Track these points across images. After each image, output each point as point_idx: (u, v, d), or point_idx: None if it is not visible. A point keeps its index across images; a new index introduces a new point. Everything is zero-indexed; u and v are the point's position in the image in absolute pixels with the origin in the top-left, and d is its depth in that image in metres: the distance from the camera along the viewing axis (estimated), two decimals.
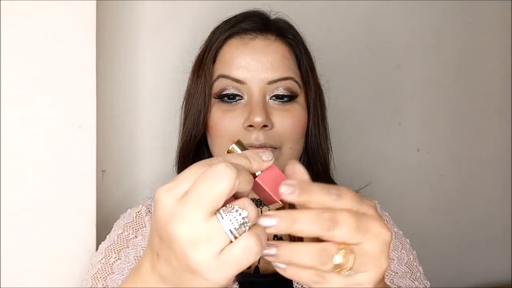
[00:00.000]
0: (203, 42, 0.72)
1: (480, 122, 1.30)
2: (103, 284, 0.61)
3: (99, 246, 0.69)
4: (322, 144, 0.70)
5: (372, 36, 1.14)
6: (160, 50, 0.93)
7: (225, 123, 0.63)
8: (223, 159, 0.35)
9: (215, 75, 0.65)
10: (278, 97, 0.63)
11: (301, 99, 0.66)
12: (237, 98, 0.64)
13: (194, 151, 0.70)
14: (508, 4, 1.31)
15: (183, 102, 0.74)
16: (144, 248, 0.66)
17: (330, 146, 0.74)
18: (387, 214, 0.78)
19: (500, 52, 1.31)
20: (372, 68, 1.15)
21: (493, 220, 1.34)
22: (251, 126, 0.61)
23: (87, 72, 0.75)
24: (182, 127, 0.72)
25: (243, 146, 0.41)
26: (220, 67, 0.65)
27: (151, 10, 0.92)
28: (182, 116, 0.73)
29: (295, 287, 0.61)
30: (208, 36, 0.71)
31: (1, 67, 0.70)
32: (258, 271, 0.64)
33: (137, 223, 0.69)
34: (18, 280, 0.73)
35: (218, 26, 0.70)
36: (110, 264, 0.64)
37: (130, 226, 0.69)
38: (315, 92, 0.69)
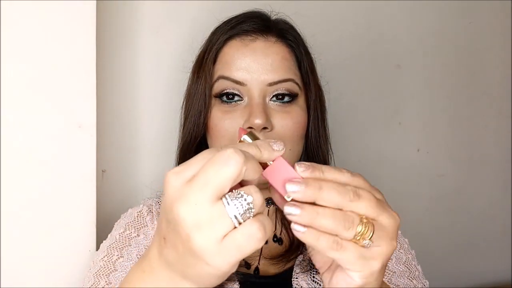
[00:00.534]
0: (203, 43, 0.72)
1: (480, 122, 1.30)
2: (106, 281, 0.61)
3: (101, 244, 0.69)
4: (322, 146, 0.70)
5: (372, 36, 1.14)
6: (160, 50, 0.93)
7: (225, 124, 0.63)
8: (232, 146, 0.36)
9: (215, 76, 0.65)
10: (278, 98, 0.63)
11: (301, 100, 0.66)
12: (236, 98, 0.64)
13: (194, 152, 0.70)
14: (508, 4, 1.31)
15: (183, 102, 0.74)
16: (146, 247, 0.66)
17: (330, 147, 0.74)
18: None
19: (500, 52, 1.31)
20: (372, 68, 1.15)
21: (493, 220, 1.34)
22: (251, 128, 0.61)
23: (87, 72, 0.75)
24: (182, 128, 0.72)
25: (255, 137, 0.41)
26: (220, 68, 0.65)
27: (151, 10, 0.92)
28: (182, 117, 0.73)
29: (294, 287, 0.61)
30: (209, 37, 0.71)
31: (1, 67, 0.70)
32: (258, 272, 0.64)
33: (138, 222, 0.69)
34: (18, 280, 0.73)
35: (219, 27, 0.70)
36: (112, 262, 0.64)
37: (131, 225, 0.69)
38: (315, 93, 0.68)
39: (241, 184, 0.36)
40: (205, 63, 0.67)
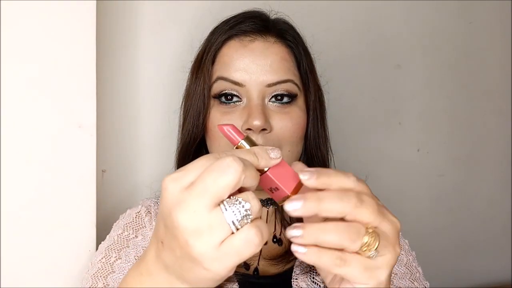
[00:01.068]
0: (202, 43, 0.71)
1: (480, 122, 1.30)
2: (104, 283, 0.61)
3: (99, 246, 0.69)
4: (321, 146, 0.70)
5: (372, 36, 1.14)
6: (160, 50, 0.93)
7: None
8: (231, 153, 0.36)
9: (214, 77, 0.65)
10: (277, 99, 0.63)
11: (300, 101, 0.66)
12: (235, 99, 0.63)
13: (193, 153, 0.70)
14: (508, 4, 1.31)
15: (182, 103, 0.74)
16: (144, 248, 0.66)
17: (330, 147, 0.73)
18: None
19: (500, 52, 1.31)
20: (372, 68, 1.15)
21: (493, 220, 1.34)
22: (249, 129, 0.60)
23: (87, 72, 0.75)
24: (181, 129, 0.72)
25: (252, 142, 0.41)
26: (219, 69, 0.65)
27: (151, 10, 0.92)
28: (181, 117, 0.73)
29: None
30: (207, 37, 0.70)
31: (1, 67, 0.70)
32: (257, 273, 0.64)
33: (137, 223, 0.69)
34: (18, 280, 0.73)
35: (217, 27, 0.69)
36: (110, 263, 0.64)
37: (130, 226, 0.69)
38: (314, 94, 0.68)
39: (239, 190, 0.36)
40: (203, 63, 0.67)
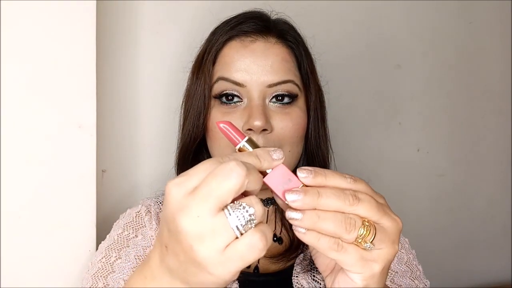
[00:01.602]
0: (203, 43, 0.71)
1: (480, 122, 1.30)
2: (104, 283, 0.61)
3: (99, 245, 0.69)
4: (321, 146, 0.70)
5: (372, 36, 1.14)
6: (160, 50, 0.93)
7: None
8: (234, 157, 0.36)
9: (215, 77, 0.65)
10: (278, 100, 0.63)
11: (301, 101, 0.66)
12: (235, 99, 0.63)
13: (193, 154, 0.70)
14: (508, 4, 1.31)
15: (182, 103, 0.74)
16: (144, 248, 0.66)
17: (330, 147, 0.73)
18: None
19: (500, 52, 1.31)
20: (372, 68, 1.15)
21: (493, 220, 1.34)
22: (250, 129, 0.60)
23: (87, 72, 0.75)
24: (181, 129, 0.72)
25: (254, 144, 0.41)
26: (220, 69, 0.65)
27: (151, 10, 0.92)
28: (182, 117, 0.73)
29: (295, 286, 0.61)
30: (208, 37, 0.70)
31: (1, 67, 0.70)
32: (258, 271, 0.64)
33: (137, 222, 0.69)
34: (18, 280, 0.73)
35: (218, 27, 0.69)
36: (110, 263, 0.64)
37: (130, 226, 0.69)
38: (315, 94, 0.68)
39: (243, 194, 0.36)
40: (204, 63, 0.67)
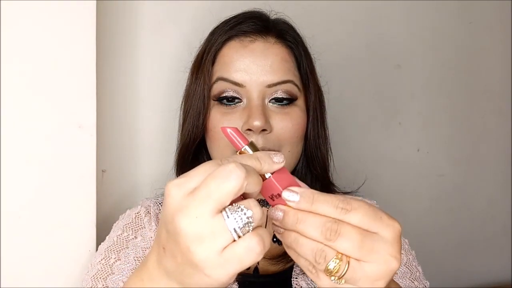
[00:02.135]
0: (202, 43, 0.71)
1: (480, 122, 1.30)
2: (103, 285, 0.61)
3: (99, 247, 0.69)
4: (321, 147, 0.70)
5: (372, 36, 1.14)
6: (160, 50, 0.93)
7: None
8: (233, 160, 0.36)
9: (214, 77, 0.65)
10: (278, 100, 0.63)
11: (300, 102, 0.66)
12: (236, 101, 0.63)
13: (193, 154, 0.70)
14: (508, 4, 1.31)
15: (182, 103, 0.73)
16: (144, 249, 0.66)
17: (330, 148, 0.73)
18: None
19: (500, 52, 1.31)
20: (372, 68, 1.15)
21: (493, 220, 1.34)
22: (250, 130, 0.60)
23: (87, 72, 0.75)
24: (181, 129, 0.72)
25: (256, 148, 0.41)
26: (219, 69, 0.65)
27: (151, 10, 0.92)
28: (181, 117, 0.73)
29: (294, 287, 0.61)
30: (207, 37, 0.70)
31: (1, 67, 0.70)
32: (257, 272, 0.64)
33: (136, 224, 0.69)
34: (18, 280, 0.73)
35: (217, 27, 0.69)
36: (110, 264, 0.64)
37: (129, 227, 0.69)
38: (314, 94, 0.68)
39: (242, 196, 0.36)
40: (203, 64, 0.67)
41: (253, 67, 0.62)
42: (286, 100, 0.63)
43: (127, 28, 0.91)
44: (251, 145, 0.41)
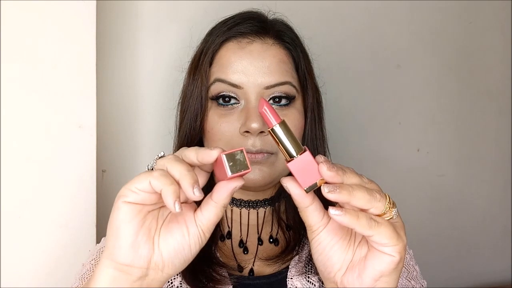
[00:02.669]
0: (199, 43, 0.71)
1: (480, 122, 1.30)
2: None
3: (94, 247, 0.69)
4: (318, 148, 0.69)
5: (373, 37, 1.14)
6: (160, 50, 0.93)
7: (221, 128, 0.62)
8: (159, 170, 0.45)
9: (212, 79, 0.64)
10: (275, 102, 0.63)
11: (298, 103, 0.66)
12: (232, 101, 0.63)
13: None
14: (508, 4, 1.31)
15: (179, 102, 0.73)
16: None
17: (328, 149, 0.73)
18: None
19: (500, 52, 1.31)
20: (372, 68, 1.15)
21: (493, 220, 1.34)
22: (247, 132, 0.60)
23: (87, 72, 0.75)
24: (178, 130, 0.71)
25: (287, 127, 0.47)
26: (217, 71, 0.64)
27: (151, 10, 0.92)
28: (178, 118, 0.72)
29: None
30: (204, 38, 0.70)
31: (1, 67, 0.70)
32: (252, 274, 0.63)
33: None
34: (18, 280, 0.73)
35: (215, 28, 0.69)
36: None
37: None
38: (312, 95, 0.68)
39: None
40: (201, 65, 0.66)
41: (250, 68, 0.62)
42: (284, 101, 0.63)
43: (127, 28, 0.91)
44: (283, 124, 0.47)
